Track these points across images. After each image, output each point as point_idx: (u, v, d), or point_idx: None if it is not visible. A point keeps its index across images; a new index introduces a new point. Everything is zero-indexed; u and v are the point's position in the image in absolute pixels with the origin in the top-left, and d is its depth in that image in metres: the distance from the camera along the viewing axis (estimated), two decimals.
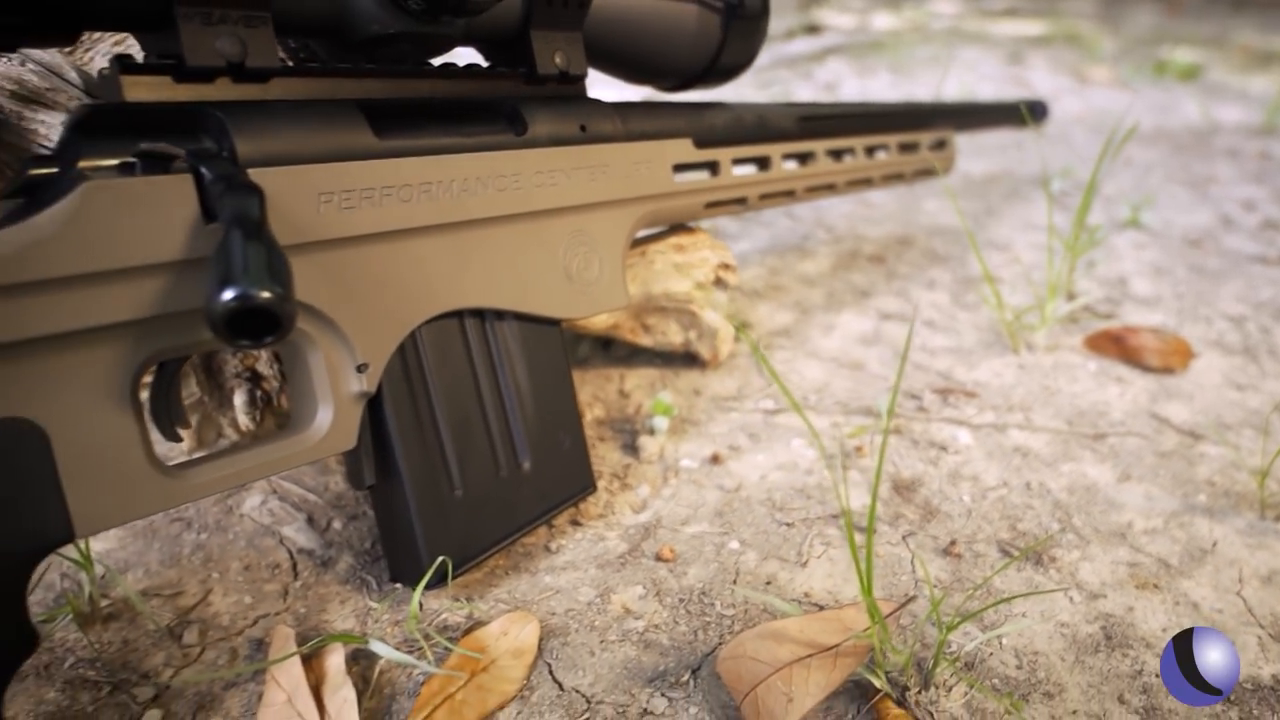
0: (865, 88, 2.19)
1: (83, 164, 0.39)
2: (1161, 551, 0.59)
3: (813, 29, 2.87)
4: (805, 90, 2.12)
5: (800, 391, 0.77)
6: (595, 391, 0.75)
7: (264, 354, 0.58)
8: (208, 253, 0.41)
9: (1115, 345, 0.85)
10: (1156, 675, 0.49)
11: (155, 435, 0.45)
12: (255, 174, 0.42)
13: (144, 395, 0.45)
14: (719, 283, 0.75)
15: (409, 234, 0.49)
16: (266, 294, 0.35)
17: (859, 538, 0.58)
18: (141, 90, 0.41)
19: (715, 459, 0.67)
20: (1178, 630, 0.51)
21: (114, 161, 0.40)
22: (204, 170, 0.41)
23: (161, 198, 0.40)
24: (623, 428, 0.70)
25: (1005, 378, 0.80)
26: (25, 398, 0.37)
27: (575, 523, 0.60)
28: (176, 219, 0.40)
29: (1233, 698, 0.47)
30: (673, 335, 0.76)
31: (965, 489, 0.64)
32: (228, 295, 0.35)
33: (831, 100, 1.52)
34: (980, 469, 0.67)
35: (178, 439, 0.45)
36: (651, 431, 0.68)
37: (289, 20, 0.46)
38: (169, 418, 0.43)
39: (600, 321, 0.73)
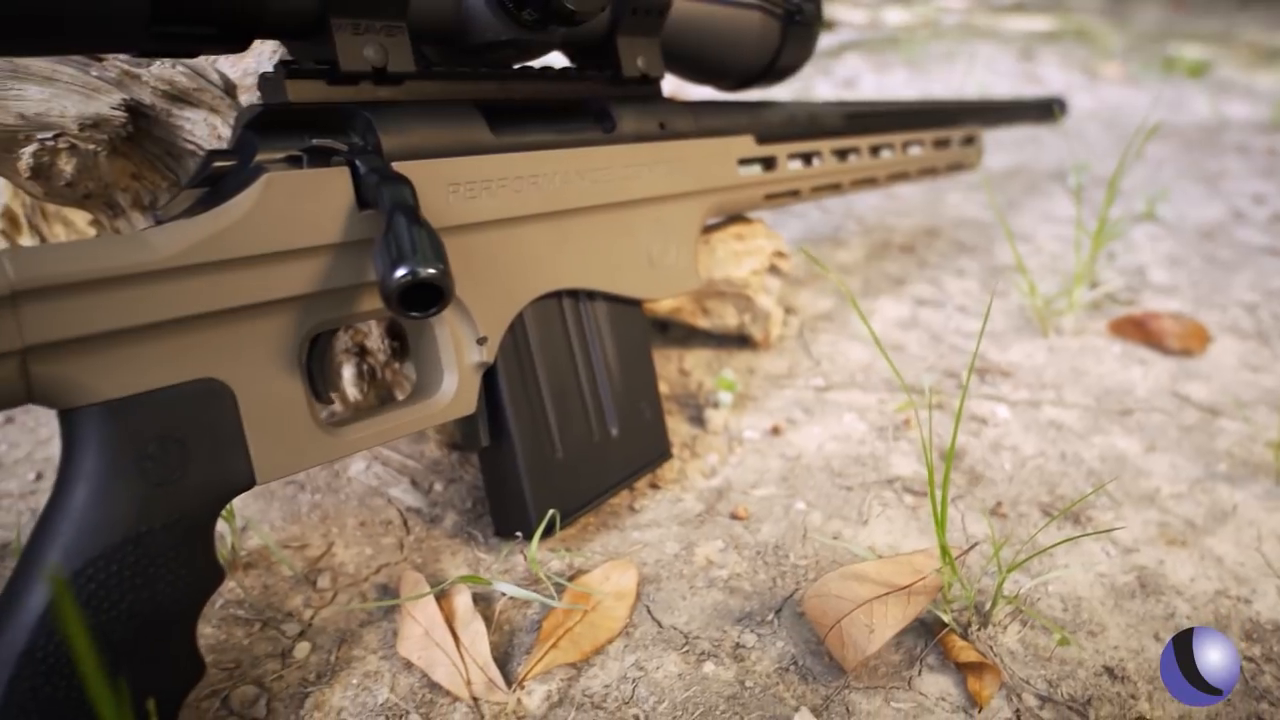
0: (883, 83, 2.24)
1: (259, 157, 0.45)
2: (1187, 513, 0.64)
3: (828, 25, 2.92)
4: (825, 86, 2.17)
5: (847, 371, 0.83)
6: (658, 370, 0.81)
7: (374, 330, 0.63)
8: (360, 236, 0.47)
9: (1137, 329, 0.91)
10: (1187, 617, 0.54)
11: None
12: (397, 167, 0.48)
13: None
14: (773, 269, 0.81)
15: (519, 221, 0.55)
16: (432, 271, 0.41)
17: (916, 498, 0.64)
18: (301, 91, 0.47)
19: (775, 430, 0.72)
20: (1204, 577, 0.57)
21: (283, 155, 0.45)
22: (358, 163, 0.46)
23: (325, 187, 0.45)
24: (687, 403, 0.76)
25: (1037, 359, 0.86)
26: (218, 361, 0.43)
27: (654, 486, 0.65)
28: (336, 206, 0.46)
29: (1256, 638, 0.53)
30: (729, 318, 0.81)
31: (1006, 458, 0.70)
32: (401, 273, 0.40)
33: (858, 98, 1.57)
34: (1019, 440, 0.72)
35: (330, 402, 0.50)
36: (716, 405, 0.74)
37: (418, 29, 0.51)
38: (322, 383, 0.49)
39: (664, 305, 0.79)
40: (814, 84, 2.17)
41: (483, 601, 0.54)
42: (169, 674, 0.41)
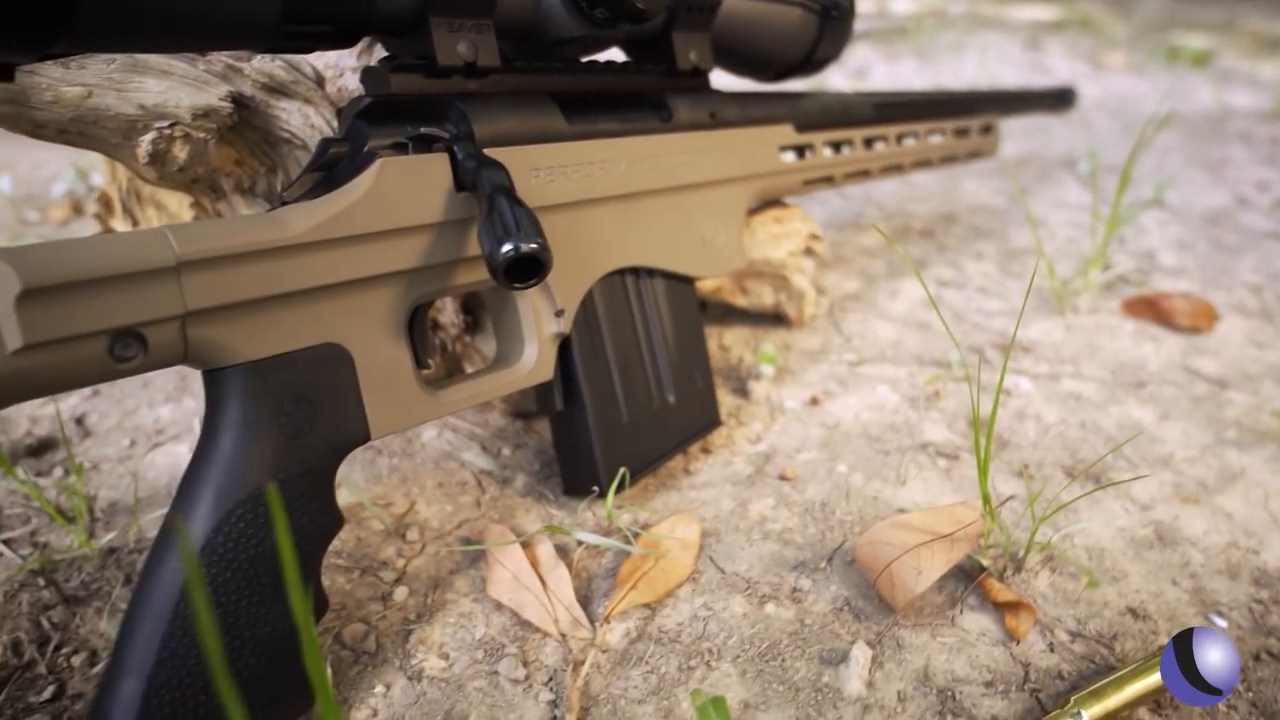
0: (893, 73, 2.28)
1: (371, 144, 0.49)
2: (1199, 475, 0.69)
3: None
4: (838, 77, 2.21)
5: (877, 347, 0.88)
6: None
7: (448, 306, 0.68)
8: (457, 216, 0.51)
9: (1149, 308, 0.96)
10: (1202, 566, 0.60)
11: None
12: (487, 153, 0.53)
13: None
14: (808, 251, 0.86)
15: (590, 204, 0.60)
16: (534, 245, 0.46)
17: (948, 461, 0.69)
18: (402, 84, 0.51)
19: (814, 401, 0.77)
20: (1216, 531, 0.63)
21: (390, 142, 0.50)
22: (456, 150, 0.51)
23: (428, 171, 0.50)
24: (729, 376, 0.81)
25: (1055, 336, 0.91)
26: (339, 328, 0.47)
27: (705, 451, 0.70)
28: (436, 188, 0.51)
29: (1264, 583, 0.58)
30: (765, 297, 0.86)
31: (1030, 426, 0.75)
32: (507, 248, 0.45)
33: (884, 89, 1.61)
34: (1041, 410, 0.77)
35: (428, 368, 0.55)
36: (758, 377, 0.79)
37: (501, 26, 0.56)
38: (421, 351, 0.54)
39: (707, 284, 0.84)
40: (828, 74, 2.21)
41: (559, 552, 0.59)
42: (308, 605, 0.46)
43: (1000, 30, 3.03)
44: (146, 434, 0.72)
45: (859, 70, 2.31)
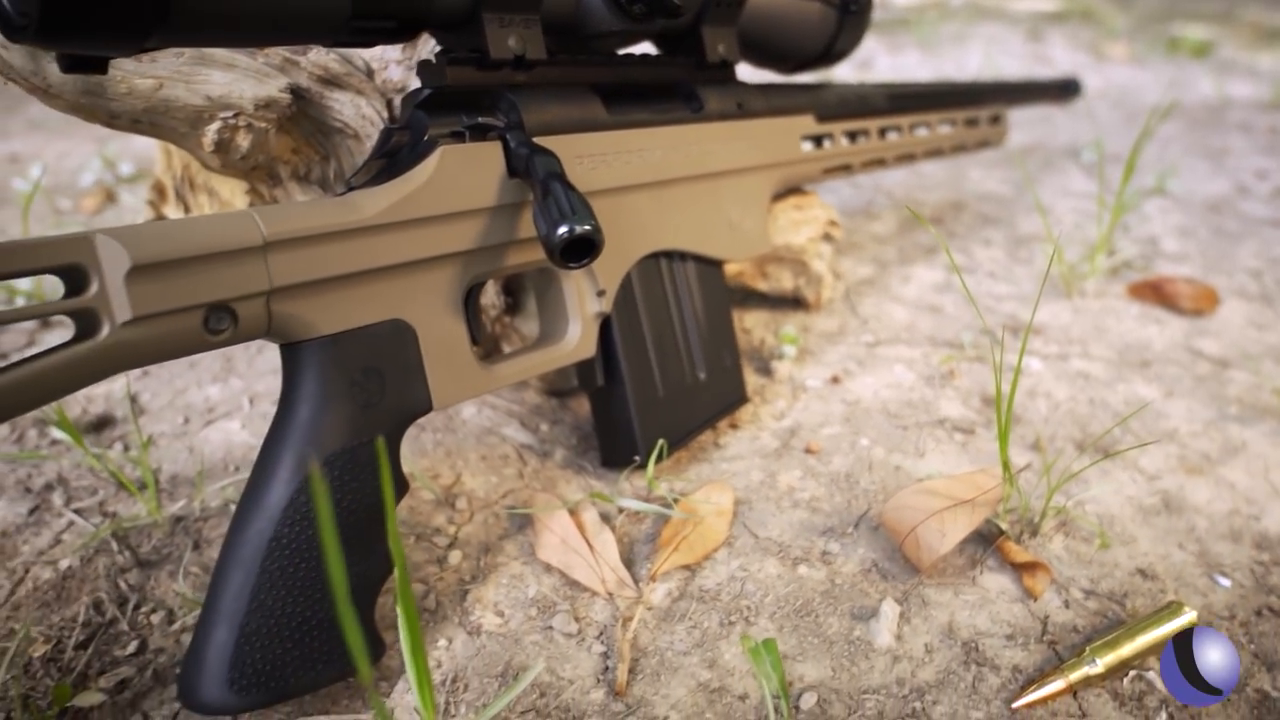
0: (897, 64, 2.31)
1: (431, 133, 0.52)
2: (1203, 448, 0.73)
3: None
4: (843, 68, 2.23)
5: (892, 329, 0.91)
6: None
7: (490, 287, 0.71)
8: (508, 200, 0.55)
9: (1154, 292, 0.99)
10: (1206, 531, 0.63)
11: None
12: (536, 141, 0.56)
13: None
14: (826, 237, 0.89)
15: (629, 190, 0.63)
16: (588, 227, 0.49)
17: (964, 435, 0.73)
18: (458, 76, 0.55)
19: (834, 380, 0.81)
20: (1220, 499, 0.66)
21: (448, 130, 0.53)
22: (509, 138, 0.54)
23: (483, 158, 0.53)
24: (752, 356, 0.84)
25: (1063, 318, 0.94)
26: (404, 305, 0.51)
27: (733, 426, 0.74)
28: (491, 174, 0.54)
29: (1264, 547, 0.62)
30: (785, 281, 0.90)
31: (1041, 402, 0.78)
32: (563, 230, 0.48)
33: (897, 80, 1.64)
34: (1051, 387, 0.81)
35: (477, 344, 0.58)
36: (781, 357, 0.82)
37: (545, 21, 0.59)
38: (475, 329, 0.57)
39: (729, 269, 0.87)
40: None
41: (601, 519, 0.62)
42: (375, 565, 0.49)
43: (1002, 21, 3.06)
44: (198, 411, 0.75)
45: (863, 61, 2.34)
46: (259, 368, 0.81)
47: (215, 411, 0.75)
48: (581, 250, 0.50)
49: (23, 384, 0.39)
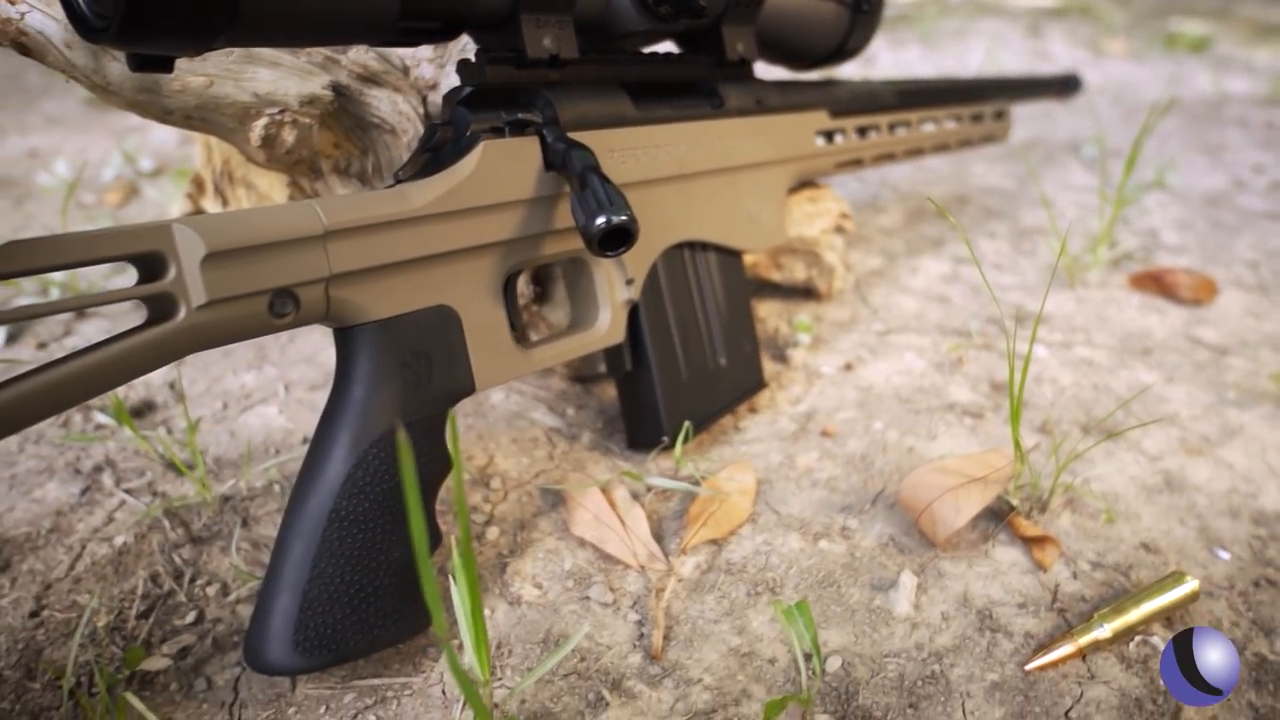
0: (899, 60, 2.34)
1: (473, 128, 0.55)
2: (1202, 430, 0.76)
3: None
4: (847, 64, 2.26)
5: (901, 318, 0.94)
6: None
7: (521, 278, 0.74)
8: (545, 193, 0.57)
9: (1154, 282, 1.02)
10: (1206, 508, 0.66)
11: None
12: (571, 136, 0.58)
13: None
14: (838, 229, 0.92)
15: (655, 183, 0.66)
16: (625, 217, 0.52)
17: (974, 419, 0.76)
18: (497, 75, 0.57)
19: (848, 366, 0.84)
20: (1219, 478, 0.69)
21: (489, 126, 0.56)
22: (546, 133, 0.57)
23: (522, 152, 0.56)
24: (767, 344, 0.87)
25: (1066, 308, 0.97)
26: (449, 291, 0.54)
27: (752, 410, 0.77)
28: (529, 167, 0.57)
29: (1262, 522, 0.65)
30: (798, 272, 0.92)
31: (1047, 388, 0.81)
32: (601, 220, 0.51)
33: (904, 77, 1.67)
34: (1056, 374, 0.84)
35: (515, 329, 0.61)
36: (796, 345, 0.85)
37: (576, 21, 0.62)
38: (513, 315, 0.60)
39: (744, 260, 0.90)
40: None
41: (631, 497, 0.65)
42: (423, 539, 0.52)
43: (1001, 17, 3.09)
44: (236, 398, 0.78)
45: (866, 57, 2.36)
46: (291, 356, 0.84)
47: (252, 398, 0.78)
48: (618, 239, 0.52)
49: (105, 364, 0.41)
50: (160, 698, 0.49)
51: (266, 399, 0.77)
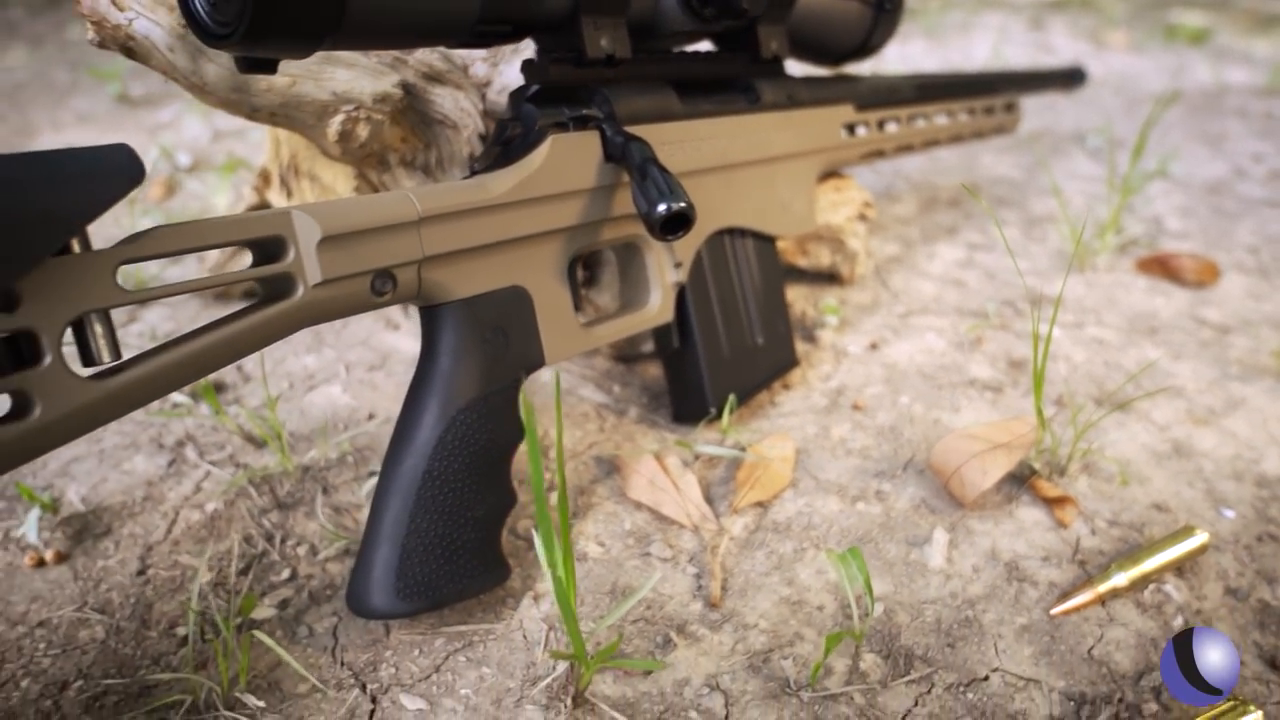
0: (904, 54, 2.38)
1: (540, 123, 0.60)
2: (1208, 402, 0.81)
3: None
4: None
5: (921, 301, 0.99)
6: None
7: None
8: (604, 183, 0.62)
9: (1160, 266, 1.07)
10: (1212, 472, 0.71)
11: None
12: (626, 129, 0.63)
13: None
14: (861, 217, 0.97)
15: (700, 173, 0.70)
16: (684, 204, 0.56)
17: (994, 394, 0.81)
18: (559, 73, 0.62)
19: (873, 346, 0.89)
20: (1224, 446, 0.74)
21: (554, 121, 0.61)
22: (605, 128, 0.62)
23: (585, 145, 0.61)
24: (796, 326, 0.92)
25: (1077, 291, 1.02)
26: (522, 273, 0.58)
27: (785, 387, 0.82)
28: (591, 159, 0.61)
29: (1264, 485, 0.70)
30: (823, 258, 0.97)
31: (1062, 364, 0.87)
32: (662, 208, 0.56)
33: (921, 71, 1.71)
34: (1069, 351, 0.89)
35: (578, 309, 0.66)
36: (824, 326, 0.90)
37: (628, 23, 0.66)
38: (576, 296, 0.65)
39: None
40: None
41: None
42: (503, 499, 0.57)
43: (1004, 10, 3.13)
44: (299, 379, 0.83)
45: None
46: (346, 339, 0.89)
47: (315, 378, 0.83)
48: (678, 224, 0.57)
49: (233, 338, 0.46)
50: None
51: (329, 379, 0.82)
